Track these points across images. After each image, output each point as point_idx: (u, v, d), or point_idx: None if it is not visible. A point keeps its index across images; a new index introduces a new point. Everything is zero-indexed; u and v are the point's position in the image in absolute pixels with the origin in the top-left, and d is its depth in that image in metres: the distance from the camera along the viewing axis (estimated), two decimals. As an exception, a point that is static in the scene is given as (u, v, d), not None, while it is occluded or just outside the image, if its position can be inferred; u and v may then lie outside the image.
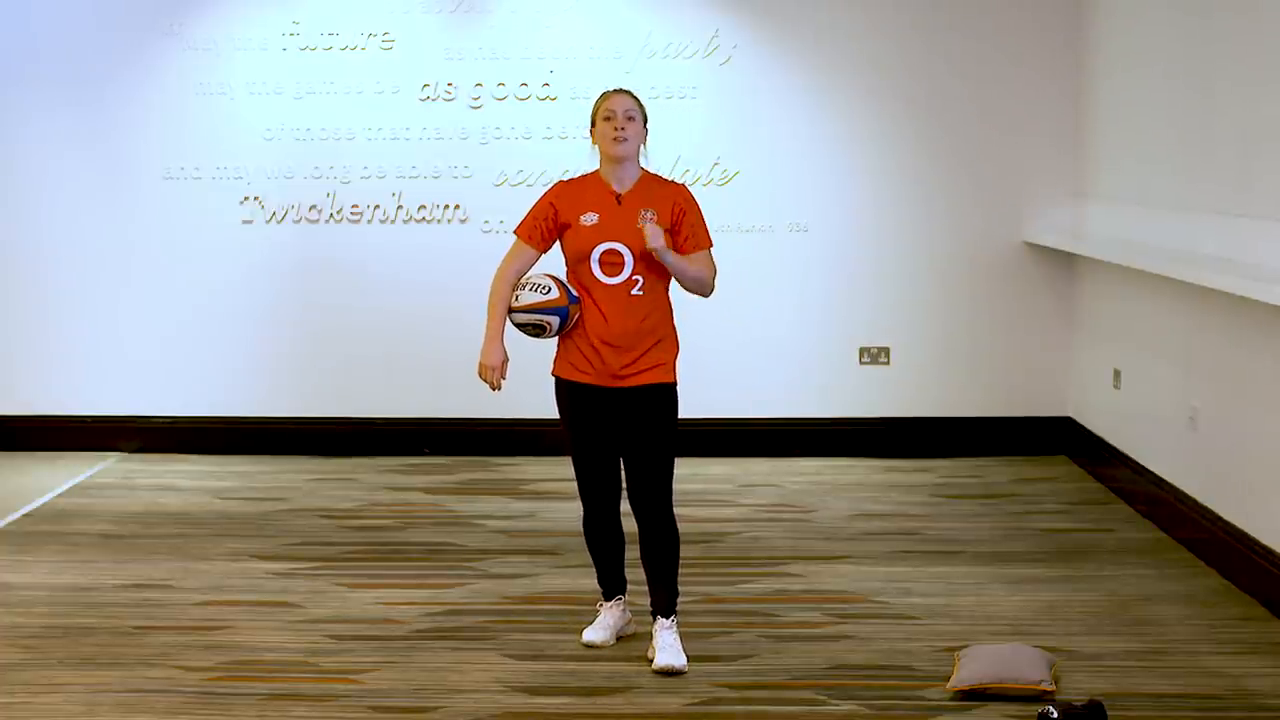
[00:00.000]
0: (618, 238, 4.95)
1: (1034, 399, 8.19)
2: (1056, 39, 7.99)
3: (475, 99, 8.10)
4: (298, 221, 8.16)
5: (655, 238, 4.89)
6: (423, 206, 8.15)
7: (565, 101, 8.06)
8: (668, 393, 5.05)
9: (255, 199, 8.15)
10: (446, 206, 8.15)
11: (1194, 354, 6.38)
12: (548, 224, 5.06)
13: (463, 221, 8.15)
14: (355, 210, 8.16)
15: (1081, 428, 7.90)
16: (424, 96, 8.10)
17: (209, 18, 8.10)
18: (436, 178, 8.14)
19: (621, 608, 5.27)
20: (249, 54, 8.10)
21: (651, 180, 5.08)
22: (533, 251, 5.08)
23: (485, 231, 8.10)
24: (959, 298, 8.16)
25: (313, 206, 8.16)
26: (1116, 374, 7.35)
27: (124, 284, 8.22)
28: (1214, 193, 6.13)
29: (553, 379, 5.11)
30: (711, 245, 5.10)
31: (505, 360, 5.08)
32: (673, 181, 5.16)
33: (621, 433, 5.03)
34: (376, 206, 8.16)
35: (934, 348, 8.18)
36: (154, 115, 8.14)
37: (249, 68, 8.10)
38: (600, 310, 4.96)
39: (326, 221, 8.17)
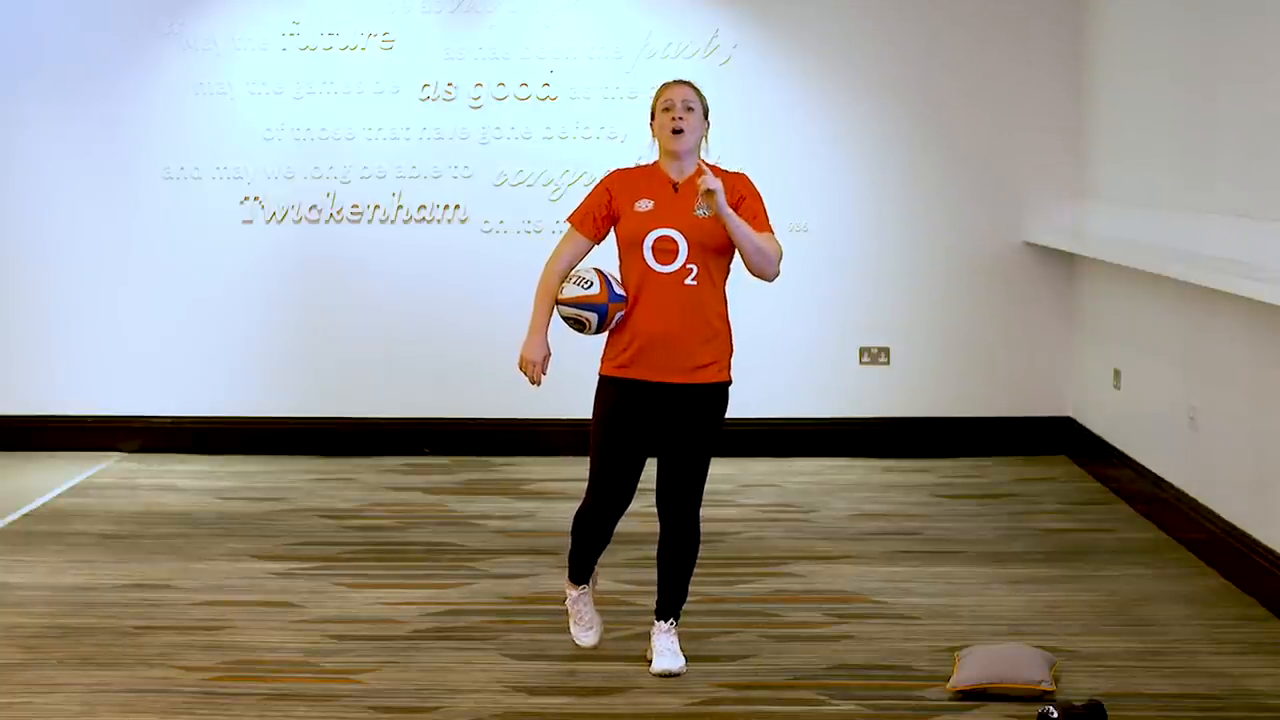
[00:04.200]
0: (672, 224, 4.76)
1: (1034, 399, 8.18)
2: (1057, 38, 7.99)
3: (475, 99, 8.10)
4: (298, 221, 8.16)
5: (710, 181, 4.64)
6: (423, 206, 8.15)
7: (565, 101, 8.06)
8: (721, 393, 4.90)
9: (255, 199, 8.16)
10: (446, 206, 8.15)
11: (1194, 354, 6.38)
12: (600, 211, 4.86)
13: (463, 221, 8.14)
14: (355, 210, 8.16)
15: (1081, 428, 7.89)
16: (424, 96, 8.10)
17: (209, 18, 8.10)
18: (436, 178, 8.14)
19: (589, 589, 5.06)
20: (249, 54, 8.10)
21: (711, 169, 4.86)
22: (584, 241, 4.89)
23: (485, 231, 8.10)
24: (959, 298, 8.15)
25: (313, 206, 8.16)
26: (1116, 374, 7.35)
27: (124, 284, 8.22)
28: (1215, 193, 6.13)
29: (597, 378, 4.89)
30: (773, 231, 4.91)
31: (548, 355, 4.88)
32: (733, 171, 4.96)
33: (662, 431, 4.84)
34: (376, 206, 8.16)
35: (934, 348, 8.18)
36: (154, 115, 8.14)
37: (249, 68, 8.10)
38: (652, 301, 4.76)
39: (326, 221, 8.17)
